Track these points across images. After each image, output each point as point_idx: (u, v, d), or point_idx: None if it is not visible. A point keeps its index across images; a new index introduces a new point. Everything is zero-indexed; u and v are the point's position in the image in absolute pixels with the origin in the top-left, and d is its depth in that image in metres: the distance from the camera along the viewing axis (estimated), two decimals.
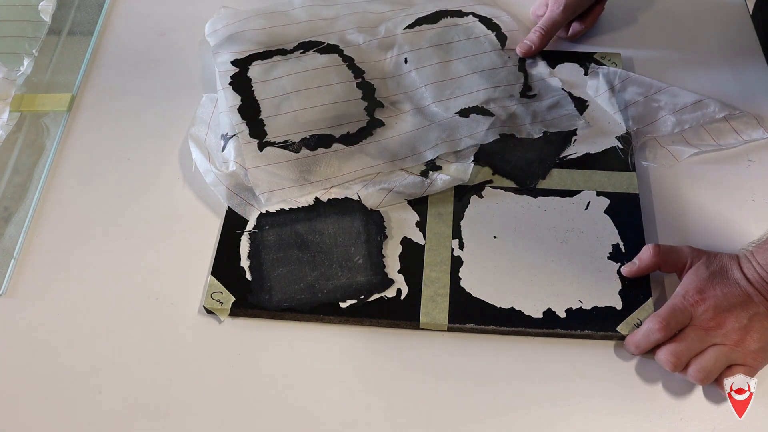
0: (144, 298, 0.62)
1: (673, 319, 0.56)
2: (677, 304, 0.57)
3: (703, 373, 0.55)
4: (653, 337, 0.56)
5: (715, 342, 0.55)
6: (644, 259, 0.60)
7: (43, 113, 0.75)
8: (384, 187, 0.66)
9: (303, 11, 0.80)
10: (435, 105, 0.72)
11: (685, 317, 0.56)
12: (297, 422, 0.55)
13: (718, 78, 0.76)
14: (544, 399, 0.56)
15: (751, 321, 0.56)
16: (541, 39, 0.76)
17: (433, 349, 0.59)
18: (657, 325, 0.56)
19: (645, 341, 0.57)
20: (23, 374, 0.58)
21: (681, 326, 0.56)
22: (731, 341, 0.55)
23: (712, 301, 0.56)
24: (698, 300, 0.57)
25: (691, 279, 0.58)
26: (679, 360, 0.55)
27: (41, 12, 0.82)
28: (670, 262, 0.60)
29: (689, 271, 0.59)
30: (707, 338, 0.56)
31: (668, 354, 0.55)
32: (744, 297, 0.56)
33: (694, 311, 0.56)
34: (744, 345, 0.55)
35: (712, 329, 0.56)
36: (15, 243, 0.65)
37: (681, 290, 0.58)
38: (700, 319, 0.56)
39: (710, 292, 0.57)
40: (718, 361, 0.55)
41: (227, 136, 0.69)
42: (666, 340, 0.56)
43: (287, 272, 0.62)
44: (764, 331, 0.56)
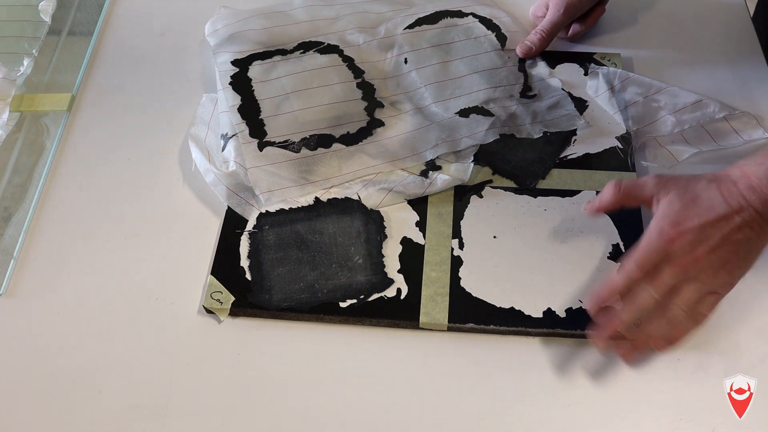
0: (144, 298, 0.62)
1: (648, 259, 0.55)
2: (652, 242, 0.55)
3: (680, 310, 0.54)
4: (631, 279, 0.55)
5: (690, 277, 0.54)
6: (605, 196, 0.59)
7: (43, 113, 0.75)
8: (384, 187, 0.66)
9: (303, 11, 0.80)
10: (435, 105, 0.72)
11: (661, 256, 0.55)
12: (297, 422, 0.55)
13: (718, 78, 0.76)
14: (544, 399, 0.56)
15: (729, 252, 0.54)
16: (541, 41, 0.76)
17: (433, 348, 0.59)
18: (633, 266, 0.55)
19: (622, 285, 0.55)
20: (23, 374, 0.58)
21: (657, 265, 0.55)
22: (707, 275, 0.54)
23: (689, 235, 0.54)
24: (674, 236, 0.54)
25: (664, 212, 0.56)
26: (655, 296, 0.54)
27: (41, 12, 0.82)
28: (633, 196, 0.58)
29: (661, 204, 0.56)
30: (683, 274, 0.54)
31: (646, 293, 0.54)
32: (722, 225, 0.54)
33: (670, 248, 0.54)
34: (718, 277, 0.54)
35: (689, 265, 0.54)
36: (15, 243, 0.65)
37: (655, 225, 0.55)
38: (676, 256, 0.54)
39: (687, 225, 0.54)
40: (693, 297, 0.54)
41: (227, 135, 0.69)
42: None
43: (287, 272, 0.62)
44: (739, 263, 0.55)
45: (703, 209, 0.55)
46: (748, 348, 0.58)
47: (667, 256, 0.55)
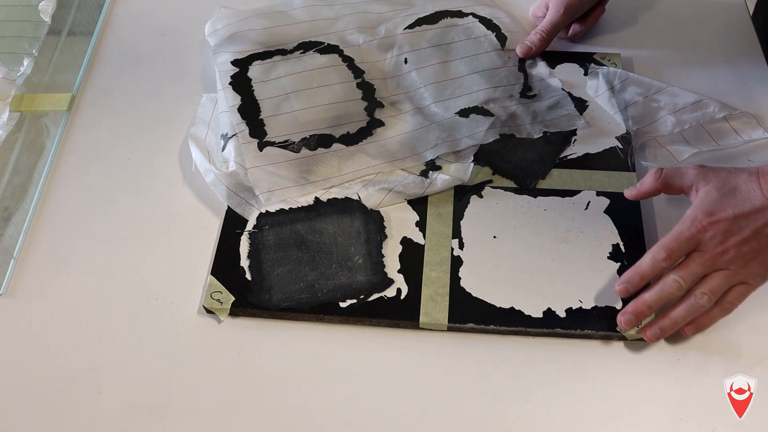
0: (144, 298, 0.62)
1: (678, 247, 0.56)
2: (684, 231, 0.56)
3: (707, 297, 0.55)
4: (659, 266, 0.56)
5: (719, 267, 0.55)
6: (646, 182, 0.60)
7: (43, 113, 0.75)
8: (384, 187, 0.66)
9: (303, 11, 0.80)
10: (435, 105, 0.72)
11: (692, 244, 0.56)
12: (297, 422, 0.55)
13: (718, 78, 0.76)
14: (544, 399, 0.56)
15: (761, 245, 0.55)
16: (541, 41, 0.76)
17: (433, 348, 0.59)
18: (663, 254, 0.56)
19: (651, 271, 0.57)
20: (23, 374, 0.58)
21: (687, 253, 0.56)
22: (736, 266, 0.55)
23: (723, 225, 0.55)
24: (707, 225, 0.55)
25: (700, 202, 0.57)
26: (683, 285, 0.55)
27: (41, 12, 0.82)
28: (674, 185, 0.59)
29: (699, 194, 0.57)
30: (713, 264, 0.55)
31: (673, 280, 0.56)
32: (757, 217, 0.55)
33: (702, 237, 0.55)
34: (748, 268, 0.55)
35: (719, 255, 0.55)
36: (15, 243, 0.65)
37: (690, 214, 0.57)
38: (707, 245, 0.55)
39: (720, 215, 0.55)
40: (722, 286, 0.55)
41: (227, 135, 0.69)
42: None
43: (287, 272, 0.62)
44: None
45: (739, 200, 0.56)
46: (748, 348, 0.58)
47: (697, 244, 0.56)
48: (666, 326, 0.57)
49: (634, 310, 0.57)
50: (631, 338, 0.58)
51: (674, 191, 0.60)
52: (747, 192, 0.56)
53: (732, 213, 0.55)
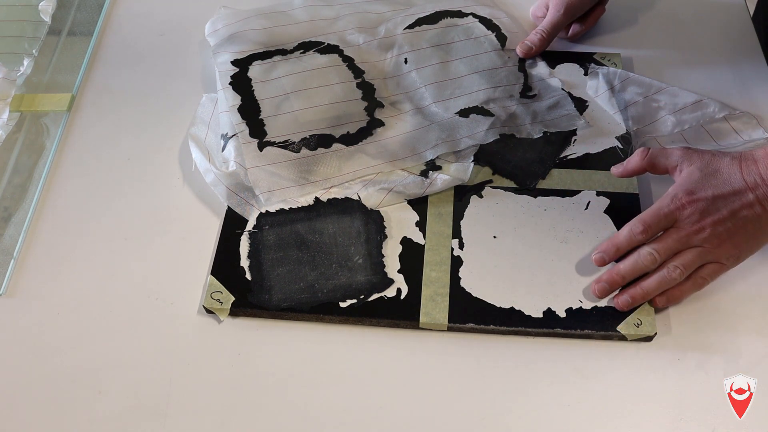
0: (144, 298, 0.62)
1: (656, 222, 0.58)
2: (663, 207, 0.58)
3: (679, 270, 0.57)
4: (636, 239, 0.58)
5: (694, 244, 0.57)
6: (632, 161, 0.62)
7: (43, 113, 0.75)
8: (384, 187, 0.66)
9: (303, 11, 0.80)
10: (435, 105, 0.72)
11: (669, 221, 0.57)
12: (297, 422, 0.55)
13: (718, 78, 0.76)
14: (543, 399, 0.56)
15: (737, 226, 0.56)
16: (542, 41, 0.76)
17: (433, 348, 0.59)
18: (640, 227, 0.58)
19: (627, 243, 0.58)
20: (23, 374, 0.58)
21: (664, 229, 0.58)
22: (710, 244, 0.57)
23: (701, 204, 0.57)
24: (686, 203, 0.57)
25: (682, 181, 0.58)
26: (657, 258, 0.57)
27: (41, 12, 0.82)
28: (660, 164, 0.61)
29: (682, 174, 0.59)
30: (688, 241, 0.57)
31: (648, 253, 0.57)
32: (734, 199, 0.56)
33: (680, 214, 0.57)
34: (722, 248, 0.57)
35: (694, 233, 0.57)
36: (15, 243, 0.65)
37: (671, 191, 0.58)
38: (684, 223, 0.57)
39: (700, 195, 0.57)
40: (695, 262, 0.57)
41: (227, 135, 0.69)
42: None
43: (287, 272, 0.62)
44: (747, 238, 0.57)
45: (719, 182, 0.57)
46: (748, 348, 0.58)
47: (675, 221, 0.57)
48: (637, 295, 0.58)
49: (608, 278, 0.59)
50: (631, 338, 0.58)
51: (659, 171, 0.61)
52: (728, 175, 0.58)
53: (711, 193, 0.57)
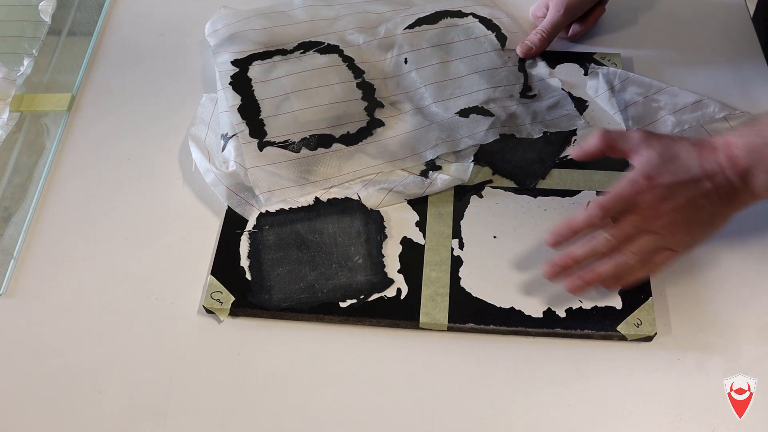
0: (144, 298, 0.62)
1: (613, 205, 0.57)
2: (622, 190, 0.57)
3: (634, 256, 0.57)
4: (592, 221, 0.58)
5: (650, 230, 0.57)
6: (591, 143, 0.61)
7: (43, 113, 0.75)
8: (384, 187, 0.66)
9: (303, 11, 0.80)
10: (435, 105, 0.72)
11: (627, 205, 0.57)
12: (297, 422, 0.55)
13: (718, 78, 0.76)
14: (544, 399, 0.56)
15: (693, 214, 0.56)
16: (542, 41, 0.76)
17: (433, 348, 0.59)
18: (597, 210, 0.57)
19: (583, 226, 0.58)
20: (23, 374, 0.58)
21: (621, 213, 0.57)
22: (667, 231, 0.57)
23: (659, 190, 0.56)
24: (644, 187, 0.56)
25: (642, 166, 0.58)
26: (612, 242, 0.57)
27: (41, 12, 0.82)
28: (618, 147, 0.60)
29: (642, 157, 0.58)
30: (644, 226, 0.57)
31: (604, 237, 0.57)
32: (692, 187, 0.56)
33: (638, 199, 0.57)
34: (678, 235, 0.57)
35: (651, 219, 0.57)
36: (15, 243, 0.65)
37: (630, 176, 0.58)
38: (641, 207, 0.57)
39: (659, 180, 0.56)
40: (649, 247, 0.57)
41: (227, 135, 0.69)
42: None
43: (287, 272, 0.62)
44: (702, 224, 0.57)
45: (678, 168, 0.57)
46: (748, 348, 0.58)
47: (633, 205, 0.57)
48: (589, 278, 0.58)
49: (561, 261, 0.58)
50: (631, 338, 0.58)
51: (617, 153, 0.61)
52: (687, 161, 0.57)
53: (670, 180, 0.56)
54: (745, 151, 0.56)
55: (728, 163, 0.56)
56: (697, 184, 0.56)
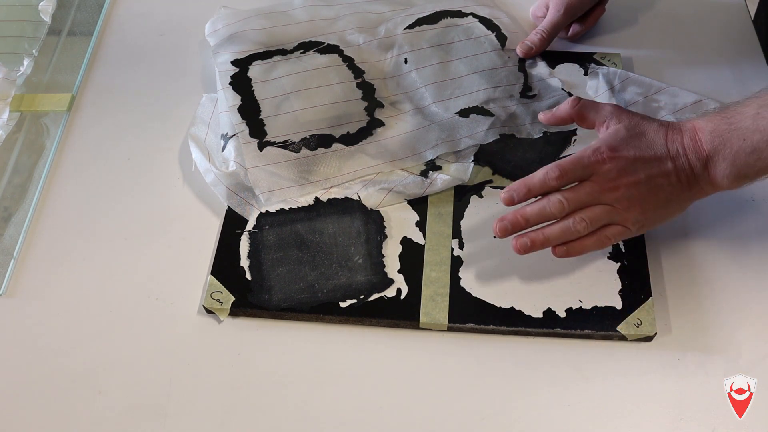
0: (144, 298, 0.62)
1: (572, 170, 0.57)
2: (584, 157, 0.57)
3: (584, 223, 0.56)
4: (549, 184, 0.57)
5: (605, 202, 0.56)
6: (561, 109, 0.61)
7: (43, 113, 0.75)
8: (384, 187, 0.66)
9: (303, 11, 0.80)
10: (435, 105, 0.72)
11: (587, 172, 0.57)
12: (297, 422, 0.55)
13: (718, 78, 0.76)
14: (544, 399, 0.56)
15: (650, 192, 0.56)
16: (542, 41, 0.76)
17: (433, 348, 0.59)
18: (556, 172, 0.57)
19: (539, 186, 0.57)
20: (23, 374, 0.58)
21: (579, 180, 0.57)
22: (621, 205, 0.56)
23: (621, 162, 0.56)
24: (607, 158, 0.56)
25: (607, 136, 0.58)
26: (566, 207, 0.56)
27: (41, 12, 0.82)
28: (588, 117, 0.60)
29: (609, 129, 0.58)
30: (599, 197, 0.56)
31: (557, 200, 0.57)
32: (653, 165, 0.56)
33: (599, 168, 0.56)
34: (631, 211, 0.56)
35: (608, 190, 0.56)
36: (15, 243, 0.65)
37: (594, 144, 0.58)
38: (600, 177, 0.56)
39: (622, 153, 0.56)
40: (601, 218, 0.56)
41: (227, 135, 0.69)
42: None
43: (287, 272, 0.62)
44: (657, 205, 0.57)
45: (643, 144, 0.57)
46: (748, 348, 0.58)
47: (592, 174, 0.57)
48: (537, 240, 0.57)
49: (512, 219, 0.58)
50: (631, 338, 0.58)
51: (587, 124, 0.61)
52: (652, 139, 0.57)
53: (633, 154, 0.56)
54: (710, 136, 0.56)
55: (692, 147, 0.56)
56: (659, 163, 0.56)
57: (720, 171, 0.55)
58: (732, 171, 0.55)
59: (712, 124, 0.56)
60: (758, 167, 0.55)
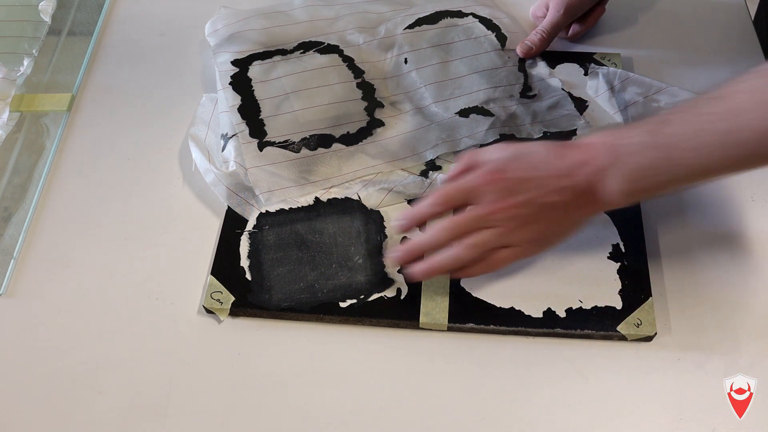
0: (144, 298, 0.62)
1: (456, 196, 0.57)
2: (467, 182, 0.56)
3: (471, 249, 0.55)
4: (435, 210, 0.57)
5: (492, 225, 0.55)
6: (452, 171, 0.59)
7: (43, 113, 0.75)
8: (384, 187, 0.66)
9: (303, 11, 0.80)
10: (435, 105, 0.72)
11: (472, 196, 0.56)
12: (297, 422, 0.55)
13: (718, 78, 0.75)
14: (544, 399, 0.56)
15: (540, 211, 0.55)
16: (542, 41, 0.76)
17: (433, 349, 0.59)
18: (440, 199, 0.57)
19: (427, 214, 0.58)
20: (23, 374, 0.58)
21: (465, 204, 0.57)
22: (509, 227, 0.55)
23: (505, 183, 0.55)
24: (490, 180, 0.55)
25: (490, 160, 0.57)
26: (452, 233, 0.56)
27: (41, 12, 0.82)
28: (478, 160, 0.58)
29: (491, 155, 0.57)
30: (485, 220, 0.55)
31: (443, 228, 0.56)
32: (541, 184, 0.55)
33: (483, 191, 0.56)
34: (521, 232, 0.55)
35: (493, 213, 0.55)
36: (15, 243, 0.65)
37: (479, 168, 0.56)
38: (485, 200, 0.55)
39: (505, 174, 0.55)
40: (489, 242, 0.56)
41: (227, 135, 0.69)
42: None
43: (287, 272, 0.62)
44: (550, 224, 0.56)
45: (528, 164, 0.56)
46: (748, 348, 0.58)
47: (477, 197, 0.56)
48: (429, 269, 0.57)
49: (406, 249, 0.58)
50: (631, 338, 0.58)
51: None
52: (541, 158, 0.56)
53: (518, 174, 0.55)
54: (603, 150, 0.54)
55: (584, 163, 0.54)
56: (548, 181, 0.55)
57: (614, 186, 0.54)
58: (626, 187, 0.53)
59: (606, 139, 0.55)
60: (652, 183, 0.54)
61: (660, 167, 0.53)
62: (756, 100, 0.49)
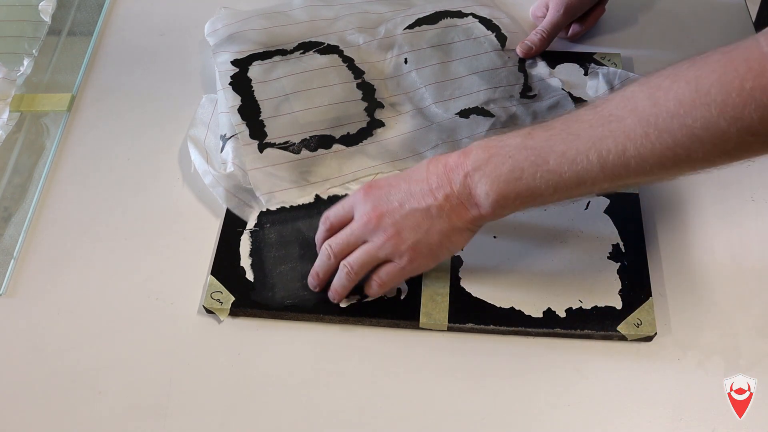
0: (144, 298, 0.62)
1: (335, 216, 0.58)
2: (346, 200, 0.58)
3: (347, 269, 0.56)
4: (321, 234, 0.59)
5: (367, 239, 0.56)
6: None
7: (43, 113, 0.75)
8: None
9: (303, 11, 0.80)
10: (435, 106, 0.72)
11: (349, 214, 0.57)
12: (297, 422, 0.55)
13: None
14: (544, 399, 0.56)
15: (407, 217, 0.55)
16: (542, 41, 0.76)
17: (433, 349, 0.59)
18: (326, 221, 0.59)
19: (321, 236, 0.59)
20: (23, 374, 0.58)
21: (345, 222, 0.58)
22: (380, 239, 0.55)
23: (375, 193, 0.56)
24: (362, 194, 0.56)
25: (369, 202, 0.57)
26: (331, 254, 0.57)
27: (41, 12, 0.82)
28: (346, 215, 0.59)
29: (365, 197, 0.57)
30: (362, 235, 0.56)
31: (324, 248, 0.58)
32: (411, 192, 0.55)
33: (355, 204, 0.57)
34: (387, 244, 0.55)
35: (363, 225, 0.56)
36: (15, 243, 0.65)
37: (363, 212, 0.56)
38: (358, 214, 0.56)
39: (375, 187, 0.56)
40: (366, 258, 0.56)
41: (225, 136, 0.69)
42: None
43: (289, 269, 0.62)
44: (416, 228, 0.55)
45: (400, 178, 0.56)
46: (748, 348, 0.58)
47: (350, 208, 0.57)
48: (334, 294, 0.59)
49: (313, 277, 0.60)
50: (631, 338, 0.58)
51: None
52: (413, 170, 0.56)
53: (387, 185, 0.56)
54: (478, 152, 0.53)
55: (458, 165, 0.54)
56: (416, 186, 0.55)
57: (481, 190, 0.52)
58: (492, 189, 0.52)
59: (488, 142, 0.53)
60: (523, 188, 0.51)
61: (528, 170, 0.51)
62: (628, 108, 0.48)
